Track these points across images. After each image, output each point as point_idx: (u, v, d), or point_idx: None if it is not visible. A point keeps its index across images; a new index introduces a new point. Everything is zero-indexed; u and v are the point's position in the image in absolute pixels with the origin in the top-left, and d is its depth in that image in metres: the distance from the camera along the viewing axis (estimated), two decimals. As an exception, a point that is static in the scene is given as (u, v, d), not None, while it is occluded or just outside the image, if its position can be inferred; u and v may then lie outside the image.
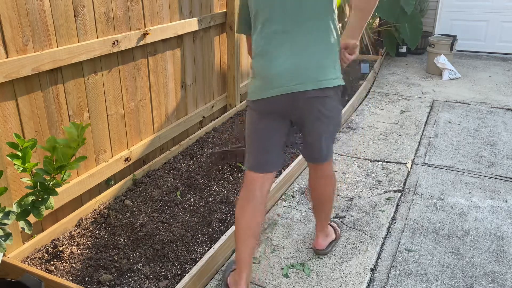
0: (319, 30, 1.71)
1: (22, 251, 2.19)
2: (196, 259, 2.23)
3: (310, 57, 1.71)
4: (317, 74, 1.72)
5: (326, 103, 1.78)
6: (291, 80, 1.71)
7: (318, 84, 1.72)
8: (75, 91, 2.46)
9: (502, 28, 6.35)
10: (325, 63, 1.73)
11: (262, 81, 1.75)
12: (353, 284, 2.13)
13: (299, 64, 1.70)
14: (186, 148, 3.45)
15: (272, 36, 1.72)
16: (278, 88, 1.72)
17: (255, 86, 1.79)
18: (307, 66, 1.71)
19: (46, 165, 1.43)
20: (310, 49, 1.71)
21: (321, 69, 1.72)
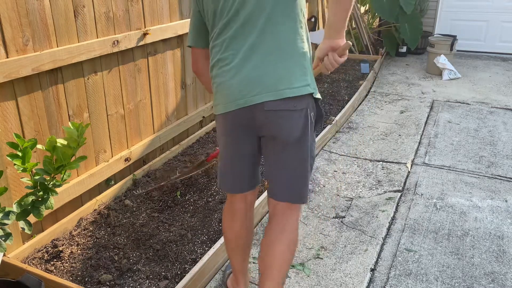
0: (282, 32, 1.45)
1: (22, 251, 2.19)
2: (196, 259, 2.23)
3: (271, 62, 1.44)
4: (278, 81, 1.43)
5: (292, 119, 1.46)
6: (249, 91, 1.44)
7: (279, 94, 1.42)
8: (75, 91, 2.46)
9: (502, 28, 6.35)
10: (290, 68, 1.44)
11: (220, 93, 1.52)
12: (353, 284, 2.13)
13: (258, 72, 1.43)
14: (186, 148, 3.45)
15: (228, 42, 1.48)
16: (235, 101, 1.47)
17: (216, 99, 1.56)
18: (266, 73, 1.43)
19: (46, 165, 1.43)
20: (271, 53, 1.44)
21: (285, 75, 1.43)
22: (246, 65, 1.45)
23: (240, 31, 1.46)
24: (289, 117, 1.46)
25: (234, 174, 1.66)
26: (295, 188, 1.57)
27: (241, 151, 1.60)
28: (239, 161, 1.63)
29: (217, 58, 1.52)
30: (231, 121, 1.54)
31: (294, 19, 1.46)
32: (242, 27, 1.45)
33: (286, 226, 1.61)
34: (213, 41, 1.54)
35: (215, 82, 1.54)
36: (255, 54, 1.44)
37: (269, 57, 1.44)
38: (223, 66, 1.50)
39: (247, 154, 1.61)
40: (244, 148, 1.60)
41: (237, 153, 1.61)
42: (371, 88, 5.11)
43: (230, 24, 1.47)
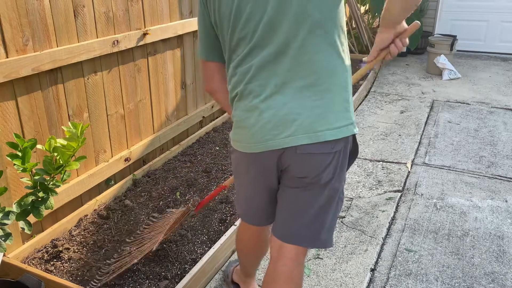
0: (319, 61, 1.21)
1: (22, 251, 2.19)
2: (196, 259, 2.23)
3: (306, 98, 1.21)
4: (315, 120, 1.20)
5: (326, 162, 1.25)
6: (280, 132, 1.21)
7: (317, 137, 1.20)
8: (75, 91, 2.46)
9: (502, 28, 6.35)
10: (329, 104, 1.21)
11: (242, 130, 1.30)
12: (353, 284, 2.12)
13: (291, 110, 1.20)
14: (186, 148, 3.45)
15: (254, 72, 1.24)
16: (262, 143, 1.24)
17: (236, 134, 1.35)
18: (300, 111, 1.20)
19: (46, 165, 1.43)
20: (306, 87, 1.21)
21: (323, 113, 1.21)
22: (276, 100, 1.21)
23: (269, 59, 1.22)
24: (323, 160, 1.24)
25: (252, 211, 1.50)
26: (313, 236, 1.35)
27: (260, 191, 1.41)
28: (257, 200, 1.45)
29: (240, 88, 1.28)
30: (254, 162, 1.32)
31: (332, 44, 1.22)
32: (271, 56, 1.21)
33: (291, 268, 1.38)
34: (234, 67, 1.30)
35: (236, 116, 1.32)
36: (287, 88, 1.21)
37: (304, 92, 1.20)
38: (248, 100, 1.26)
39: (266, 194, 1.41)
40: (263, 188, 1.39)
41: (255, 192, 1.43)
42: (371, 88, 5.11)
43: (256, 50, 1.23)
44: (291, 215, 1.35)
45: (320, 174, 1.26)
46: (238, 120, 1.31)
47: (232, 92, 1.33)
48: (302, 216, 1.33)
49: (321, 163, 1.24)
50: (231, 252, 2.32)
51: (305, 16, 1.17)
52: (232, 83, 1.32)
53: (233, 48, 1.29)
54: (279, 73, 1.21)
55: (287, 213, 1.36)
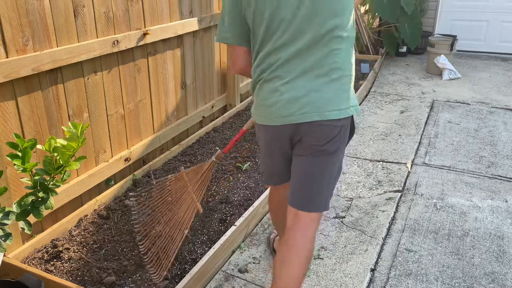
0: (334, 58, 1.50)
1: (22, 251, 2.19)
2: (196, 259, 2.23)
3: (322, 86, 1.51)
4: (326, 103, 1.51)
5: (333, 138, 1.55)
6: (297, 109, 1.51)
7: (326, 115, 1.50)
8: (75, 91, 2.46)
9: (502, 28, 6.35)
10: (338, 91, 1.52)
11: (265, 107, 1.59)
12: (353, 284, 2.12)
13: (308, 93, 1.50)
14: (186, 148, 3.45)
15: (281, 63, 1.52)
16: (282, 118, 1.54)
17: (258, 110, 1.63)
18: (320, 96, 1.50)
19: (46, 165, 1.43)
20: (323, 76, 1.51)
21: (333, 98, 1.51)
22: (295, 85, 1.51)
23: (295, 55, 1.50)
24: (330, 132, 1.54)
25: (276, 173, 1.81)
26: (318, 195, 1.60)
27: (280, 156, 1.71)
28: (279, 164, 1.76)
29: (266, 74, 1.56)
30: (273, 133, 1.63)
31: (346, 41, 1.53)
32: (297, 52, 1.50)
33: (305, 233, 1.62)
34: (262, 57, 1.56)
35: (260, 95, 1.60)
36: (305, 76, 1.51)
37: (318, 79, 1.50)
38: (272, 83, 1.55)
39: (285, 158, 1.72)
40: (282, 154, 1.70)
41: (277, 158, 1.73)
42: (371, 88, 5.11)
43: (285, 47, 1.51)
44: (303, 183, 1.61)
45: (328, 143, 1.55)
46: (262, 99, 1.59)
47: (259, 76, 1.60)
48: (313, 182, 1.59)
49: (328, 134, 1.53)
50: (231, 252, 2.32)
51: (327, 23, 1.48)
52: (259, 69, 1.59)
53: (263, 42, 1.56)
54: (301, 65, 1.50)
55: (300, 182, 1.62)
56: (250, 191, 2.88)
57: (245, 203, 2.73)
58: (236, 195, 2.81)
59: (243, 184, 2.94)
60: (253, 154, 3.36)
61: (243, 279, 2.16)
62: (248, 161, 3.25)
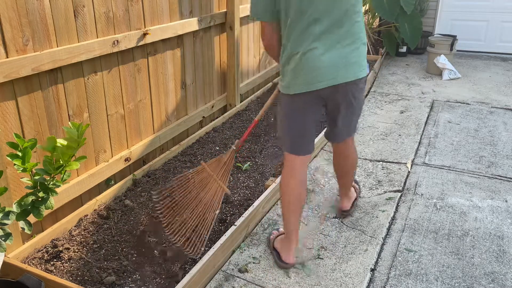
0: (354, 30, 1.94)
1: (22, 251, 2.19)
2: (196, 259, 2.23)
3: (349, 54, 1.94)
4: (355, 68, 1.97)
5: (359, 89, 2.08)
6: (336, 73, 1.93)
7: (357, 75, 1.99)
8: (75, 91, 2.46)
9: (502, 28, 6.35)
10: (360, 55, 1.99)
11: (308, 75, 1.94)
12: (353, 284, 2.12)
13: (341, 60, 1.93)
14: (186, 148, 3.45)
15: (318, 35, 1.89)
16: (326, 81, 1.94)
17: (299, 81, 1.96)
18: (347, 62, 1.94)
19: (46, 165, 1.43)
20: (348, 47, 1.94)
21: (357, 63, 1.98)
22: (331, 54, 1.91)
23: (327, 29, 1.89)
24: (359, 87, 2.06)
25: (306, 140, 2.13)
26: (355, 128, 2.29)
27: (313, 120, 2.10)
28: (311, 129, 2.12)
29: (303, 47, 1.91)
30: (312, 98, 2.01)
31: (361, 15, 1.97)
32: (329, 26, 1.89)
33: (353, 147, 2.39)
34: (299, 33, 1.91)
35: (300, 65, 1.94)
36: (339, 45, 1.92)
37: (347, 48, 1.93)
38: (311, 54, 1.91)
39: (316, 122, 2.13)
40: (316, 117, 2.11)
41: (310, 122, 2.09)
42: (371, 88, 5.11)
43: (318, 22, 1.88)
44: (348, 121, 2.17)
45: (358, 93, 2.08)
46: (302, 69, 1.93)
47: (294, 50, 1.94)
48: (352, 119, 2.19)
49: (358, 87, 2.05)
50: (231, 252, 2.32)
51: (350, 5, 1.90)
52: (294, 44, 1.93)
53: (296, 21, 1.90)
54: (333, 37, 1.90)
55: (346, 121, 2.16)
56: (250, 191, 2.88)
57: (245, 203, 2.73)
58: (236, 195, 2.81)
59: (243, 184, 2.94)
60: (253, 154, 3.36)
61: (243, 279, 2.16)
62: (248, 161, 3.25)
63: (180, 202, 2.43)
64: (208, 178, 2.38)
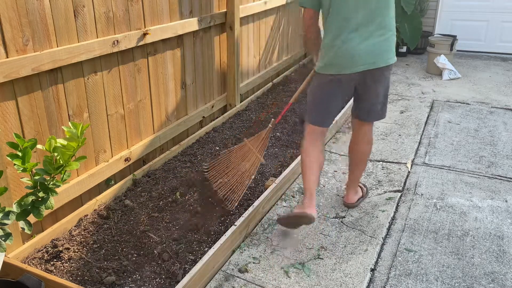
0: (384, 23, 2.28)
1: (22, 251, 2.19)
2: (196, 259, 2.23)
3: (381, 43, 2.29)
4: (385, 55, 2.32)
5: (386, 75, 2.40)
6: (369, 60, 2.28)
7: (386, 62, 2.33)
8: (75, 91, 2.46)
9: (502, 28, 6.35)
10: (390, 45, 2.34)
11: (344, 60, 2.29)
12: (353, 284, 2.12)
13: (374, 49, 2.28)
14: (186, 148, 3.45)
15: (355, 26, 2.25)
16: (360, 66, 2.28)
17: (335, 64, 2.32)
18: (380, 50, 2.30)
19: (46, 165, 1.43)
20: (380, 37, 2.29)
21: (387, 51, 2.33)
22: (366, 43, 2.26)
23: (362, 22, 2.24)
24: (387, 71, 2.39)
25: (327, 114, 2.48)
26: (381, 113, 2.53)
27: (340, 99, 2.45)
28: (335, 107, 2.46)
29: (342, 37, 2.27)
30: (346, 79, 2.34)
31: (393, 9, 2.32)
32: (363, 20, 2.24)
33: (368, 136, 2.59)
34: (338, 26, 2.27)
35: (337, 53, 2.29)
36: (371, 36, 2.27)
37: (379, 38, 2.29)
38: (348, 43, 2.26)
39: (343, 100, 2.48)
40: (342, 97, 2.45)
41: (339, 98, 2.44)
42: (371, 88, 5.11)
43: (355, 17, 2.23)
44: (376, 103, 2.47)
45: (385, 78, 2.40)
46: (340, 55, 2.29)
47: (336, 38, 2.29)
48: (381, 102, 2.48)
49: (386, 72, 2.39)
50: (231, 252, 2.32)
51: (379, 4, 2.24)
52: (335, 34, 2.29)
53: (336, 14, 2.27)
54: (367, 30, 2.26)
55: (368, 103, 2.47)
56: (250, 191, 2.88)
57: (245, 203, 2.73)
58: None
59: (243, 184, 2.94)
60: (253, 154, 3.36)
61: (243, 279, 2.16)
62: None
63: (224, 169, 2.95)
64: (248, 151, 2.92)
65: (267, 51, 4.96)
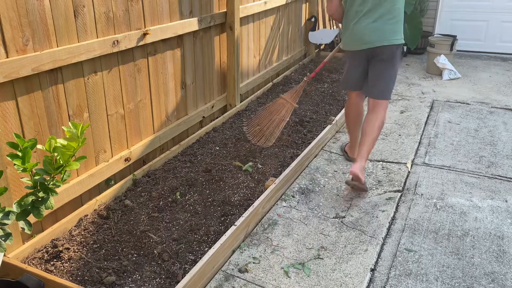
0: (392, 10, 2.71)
1: (22, 251, 2.19)
2: (196, 259, 2.23)
3: (385, 26, 2.73)
4: (389, 36, 2.75)
5: (393, 53, 2.80)
6: (375, 39, 2.75)
7: (390, 42, 2.75)
8: (75, 91, 2.46)
9: (502, 28, 6.35)
10: (397, 28, 2.76)
11: (355, 39, 2.83)
12: (353, 284, 2.12)
13: (379, 30, 2.74)
14: (186, 148, 3.45)
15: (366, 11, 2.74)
16: (367, 44, 2.79)
17: (352, 42, 2.88)
18: (383, 31, 2.74)
19: (46, 165, 1.43)
20: (386, 21, 2.73)
21: (392, 33, 2.75)
22: (375, 24, 2.74)
23: (372, 8, 2.72)
24: (393, 50, 2.80)
25: (353, 81, 3.05)
26: (387, 89, 2.89)
27: (360, 68, 2.96)
28: (359, 74, 2.99)
29: (356, 19, 2.79)
30: (359, 54, 2.89)
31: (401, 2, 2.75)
32: (373, 7, 2.72)
33: (379, 112, 2.91)
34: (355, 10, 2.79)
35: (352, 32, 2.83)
36: (381, 19, 2.73)
37: (387, 21, 2.73)
38: (360, 23, 2.77)
39: (363, 70, 2.97)
40: (362, 67, 2.95)
41: (359, 70, 2.97)
42: (371, 88, 5.11)
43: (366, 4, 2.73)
44: (378, 81, 2.87)
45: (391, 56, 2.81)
46: (355, 34, 2.82)
47: (351, 21, 2.82)
48: (383, 81, 2.87)
49: (391, 51, 2.79)
50: (231, 252, 2.32)
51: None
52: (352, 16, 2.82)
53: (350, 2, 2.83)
54: (377, 13, 2.72)
55: (375, 81, 2.88)
56: (250, 191, 2.88)
57: (245, 203, 2.73)
58: (236, 195, 2.82)
59: (243, 184, 2.94)
60: (253, 154, 3.36)
61: (243, 279, 2.16)
62: (248, 161, 3.25)
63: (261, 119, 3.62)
64: (284, 103, 3.56)
65: (267, 51, 4.96)
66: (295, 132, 3.80)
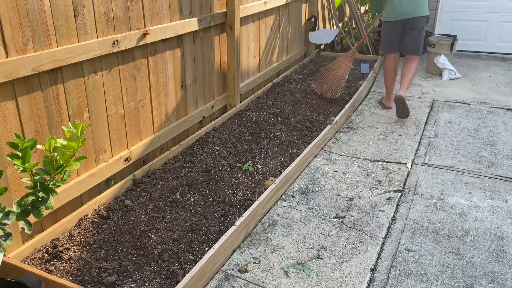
0: None
1: (22, 251, 2.19)
2: (196, 259, 2.23)
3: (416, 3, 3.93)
4: (419, 10, 3.96)
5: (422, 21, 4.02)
6: (411, 11, 3.95)
7: (420, 13, 3.97)
8: (75, 91, 2.46)
9: (502, 28, 6.35)
10: (423, 5, 3.97)
11: (396, 12, 4.01)
12: (353, 284, 2.13)
13: (411, 5, 3.94)
14: (186, 148, 3.45)
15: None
16: (403, 15, 3.98)
17: (394, 14, 4.04)
18: (414, 6, 3.94)
19: (46, 165, 1.43)
20: None
21: (421, 7, 3.96)
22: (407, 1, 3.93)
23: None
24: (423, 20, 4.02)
25: (390, 44, 4.21)
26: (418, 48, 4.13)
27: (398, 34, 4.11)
28: (397, 39, 4.14)
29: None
30: (397, 24, 4.06)
31: None
32: None
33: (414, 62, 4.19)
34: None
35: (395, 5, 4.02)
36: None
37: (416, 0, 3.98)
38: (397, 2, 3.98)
39: (400, 36, 4.12)
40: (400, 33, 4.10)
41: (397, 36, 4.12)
42: (371, 88, 5.11)
43: None
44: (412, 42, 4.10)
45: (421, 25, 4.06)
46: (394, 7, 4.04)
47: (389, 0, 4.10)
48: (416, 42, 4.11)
49: (421, 21, 4.05)
50: (231, 252, 2.32)
51: None
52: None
53: None
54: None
55: (411, 42, 4.11)
56: (250, 191, 2.88)
57: (245, 203, 2.73)
58: (236, 195, 2.82)
59: (243, 184, 2.94)
60: (253, 154, 3.36)
61: (243, 279, 2.16)
62: (248, 161, 3.25)
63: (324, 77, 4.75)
64: (341, 64, 4.72)
65: (267, 51, 4.96)
66: (294, 132, 3.80)
